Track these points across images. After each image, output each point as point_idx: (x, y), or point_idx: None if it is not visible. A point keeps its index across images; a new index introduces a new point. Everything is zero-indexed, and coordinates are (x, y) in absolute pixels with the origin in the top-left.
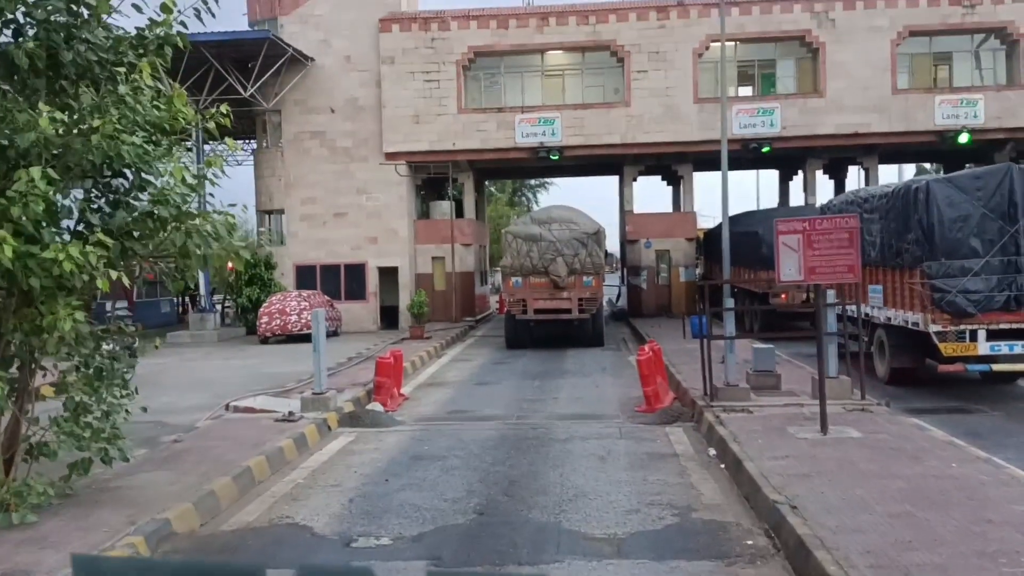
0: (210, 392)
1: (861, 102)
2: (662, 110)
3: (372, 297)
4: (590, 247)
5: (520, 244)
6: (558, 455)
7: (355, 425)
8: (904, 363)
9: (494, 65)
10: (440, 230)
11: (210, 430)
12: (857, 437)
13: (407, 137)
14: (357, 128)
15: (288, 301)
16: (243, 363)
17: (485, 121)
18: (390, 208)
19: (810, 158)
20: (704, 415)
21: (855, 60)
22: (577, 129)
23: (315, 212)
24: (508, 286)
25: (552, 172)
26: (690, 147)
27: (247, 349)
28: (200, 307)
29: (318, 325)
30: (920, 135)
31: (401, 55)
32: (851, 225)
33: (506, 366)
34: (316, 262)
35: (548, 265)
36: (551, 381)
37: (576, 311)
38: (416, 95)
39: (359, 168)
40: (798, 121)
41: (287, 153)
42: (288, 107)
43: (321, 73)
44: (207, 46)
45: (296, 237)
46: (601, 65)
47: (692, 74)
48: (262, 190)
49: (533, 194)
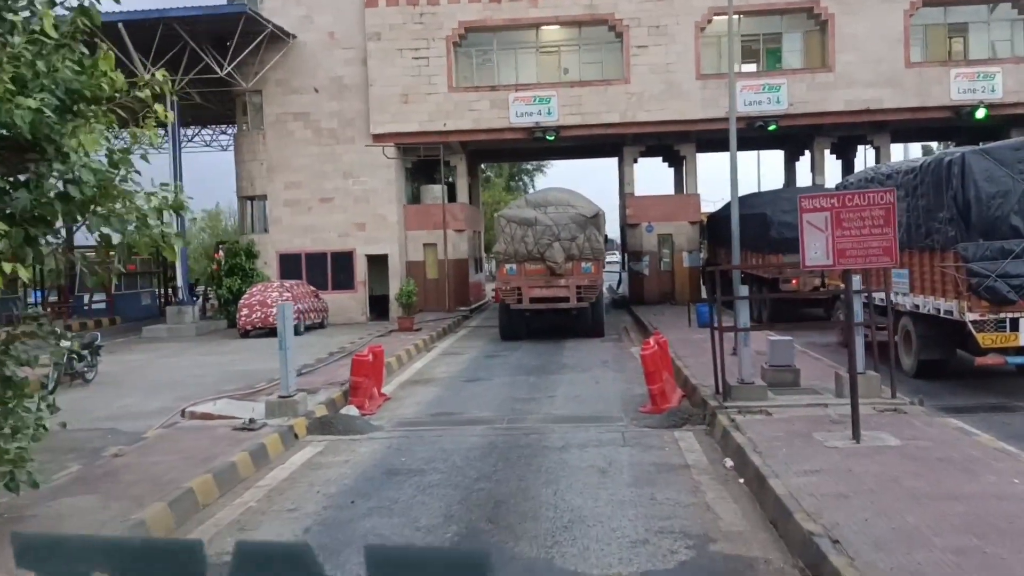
0: (175, 394)
1: (872, 77)
2: (663, 87)
3: (360, 286)
4: (589, 231)
5: (514, 229)
6: (553, 468)
7: (326, 432)
8: (934, 355)
9: (486, 41)
10: (432, 215)
11: (158, 441)
12: (895, 445)
13: (395, 117)
14: (343, 108)
15: (270, 292)
16: (218, 359)
17: (477, 100)
18: (378, 193)
19: (818, 136)
20: (717, 417)
21: (866, 32)
22: (574, 108)
23: (299, 197)
24: (502, 274)
25: (549, 154)
26: (693, 125)
27: (226, 344)
28: (178, 299)
29: (284, 321)
30: (935, 111)
31: (388, 31)
32: (887, 200)
33: (499, 360)
34: (301, 250)
35: (544, 251)
36: (547, 377)
37: (574, 300)
38: (404, 73)
39: (345, 151)
40: (806, 97)
41: (269, 136)
42: (269, 87)
43: (304, 51)
44: (180, 22)
45: (280, 224)
46: (599, 40)
47: (694, 49)
48: (243, 175)
49: (531, 178)
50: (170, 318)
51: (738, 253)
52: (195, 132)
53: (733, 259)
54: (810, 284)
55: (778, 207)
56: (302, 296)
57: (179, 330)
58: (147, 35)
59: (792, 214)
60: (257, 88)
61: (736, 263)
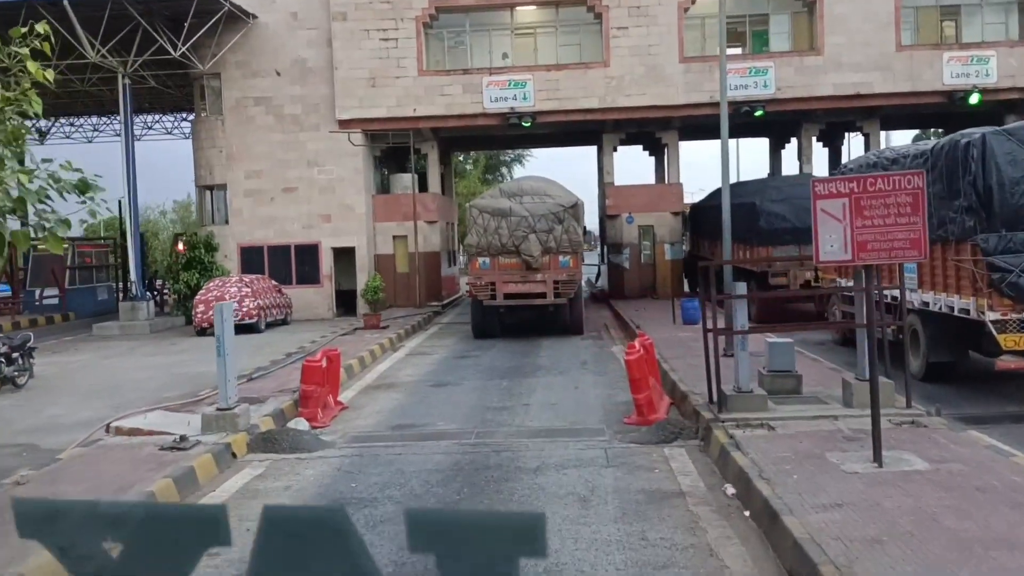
0: (112, 401)
1: (862, 60)
2: (644, 71)
3: (326, 281)
4: (567, 223)
5: (487, 220)
6: (526, 495)
7: (270, 449)
8: (944, 357)
9: (458, 22)
10: (402, 206)
11: (72, 464)
12: (924, 469)
13: (362, 102)
14: (306, 93)
15: (227, 287)
16: (167, 360)
17: (449, 84)
18: (345, 182)
19: (806, 123)
20: (713, 432)
21: (855, 14)
22: (551, 92)
23: (261, 187)
24: (474, 268)
25: (525, 141)
26: (675, 111)
27: (179, 343)
28: (131, 294)
29: (222, 323)
30: (927, 96)
31: (354, 10)
32: (915, 185)
33: (471, 360)
34: (263, 243)
35: (519, 243)
36: (522, 380)
37: (551, 295)
38: (372, 56)
39: (310, 138)
40: (794, 81)
41: (228, 121)
42: (229, 70)
43: (265, 32)
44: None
45: (240, 215)
46: (577, 22)
47: (677, 31)
48: (201, 163)
49: (508, 168)
50: (123, 315)
51: (729, 246)
52: (155, 119)
53: (724, 253)
54: (801, 278)
55: (767, 196)
56: (263, 291)
57: (132, 327)
58: (95, 13)
59: (782, 204)
60: (215, 71)
61: (727, 257)
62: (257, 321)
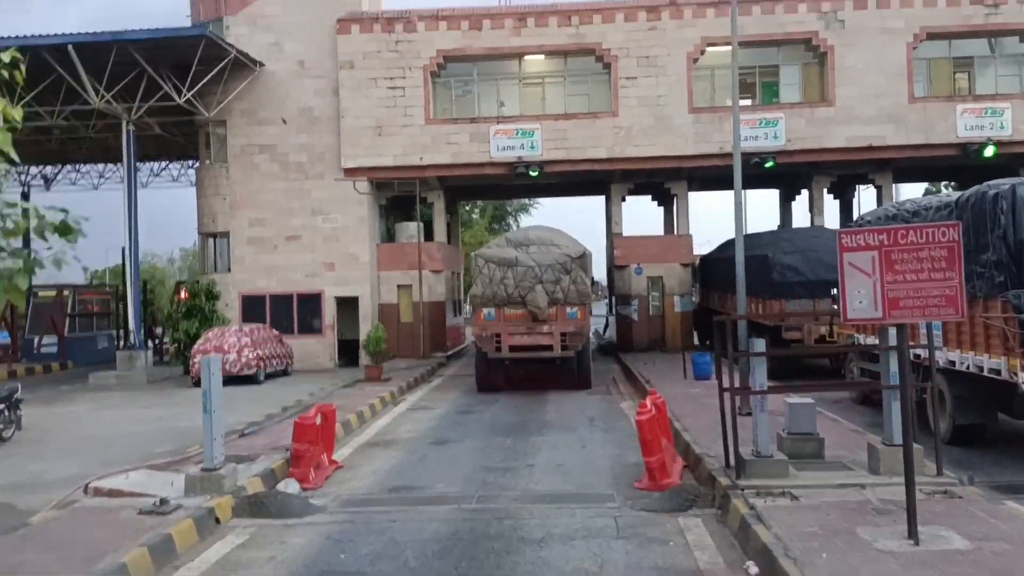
0: (99, 456)
1: (874, 112)
2: (653, 121)
3: (328, 331)
4: (574, 273)
5: (493, 269)
6: (529, 570)
7: (257, 514)
8: (972, 419)
9: (466, 71)
10: (407, 255)
11: (42, 529)
12: (965, 549)
13: (368, 151)
14: (312, 141)
15: (226, 337)
16: (161, 413)
17: (456, 133)
18: (349, 231)
19: (817, 175)
20: (732, 501)
21: (867, 65)
22: (559, 142)
23: (264, 235)
24: (479, 319)
25: (532, 191)
26: (685, 162)
27: (175, 394)
28: (129, 343)
29: (209, 378)
30: (940, 148)
31: (362, 59)
32: (951, 238)
33: (474, 416)
34: (265, 291)
35: (526, 294)
36: (527, 438)
37: (558, 348)
38: (378, 104)
39: (315, 186)
40: (805, 133)
41: (233, 169)
42: (234, 118)
43: (272, 80)
44: (136, 46)
45: (243, 263)
46: (585, 71)
47: (686, 81)
48: (204, 211)
49: (515, 218)
50: (120, 364)
51: (743, 300)
52: (161, 167)
53: (738, 306)
54: (815, 333)
55: (779, 248)
56: (263, 341)
57: (129, 377)
58: (100, 59)
59: (795, 256)
60: (221, 118)
61: (742, 310)
62: (256, 372)
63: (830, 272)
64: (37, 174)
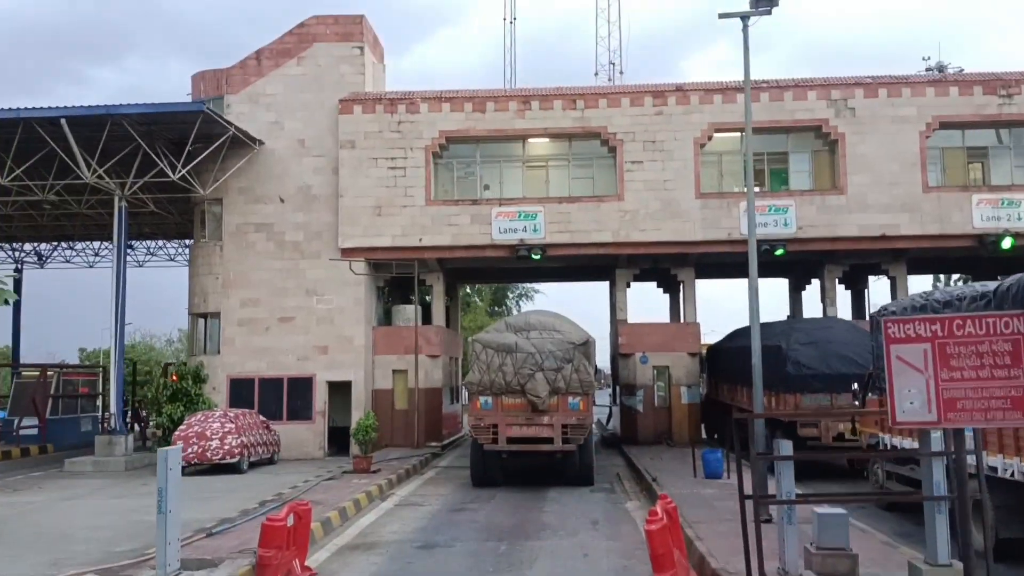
0: (52, 554)
1: (888, 200)
2: (660, 205)
3: (319, 417)
4: (577, 361)
5: (491, 355)
6: None
7: None
8: (1017, 532)
9: (469, 153)
10: (403, 339)
11: None
12: None
13: (367, 231)
14: (309, 220)
15: (209, 423)
16: (132, 505)
17: (457, 215)
18: (345, 313)
19: (829, 264)
20: None
21: (879, 153)
22: (563, 225)
23: (256, 316)
24: (475, 407)
25: (534, 275)
26: (692, 248)
27: (152, 483)
28: (109, 427)
29: (166, 471)
30: (956, 239)
31: (363, 139)
32: (1016, 329)
33: (467, 515)
34: (255, 374)
35: (525, 382)
36: (523, 543)
37: (559, 441)
38: (379, 184)
39: (310, 266)
40: (816, 220)
41: (227, 247)
42: (231, 195)
43: (271, 158)
44: (131, 121)
45: (232, 344)
46: (590, 154)
47: (693, 166)
48: (196, 290)
49: (516, 303)
50: (99, 449)
51: (760, 394)
52: (158, 245)
53: (755, 401)
54: (833, 430)
55: (793, 339)
56: (248, 427)
57: (107, 464)
58: (94, 133)
59: (810, 348)
60: (217, 196)
61: (759, 406)
62: (239, 460)
63: (847, 365)
64: (32, 251)
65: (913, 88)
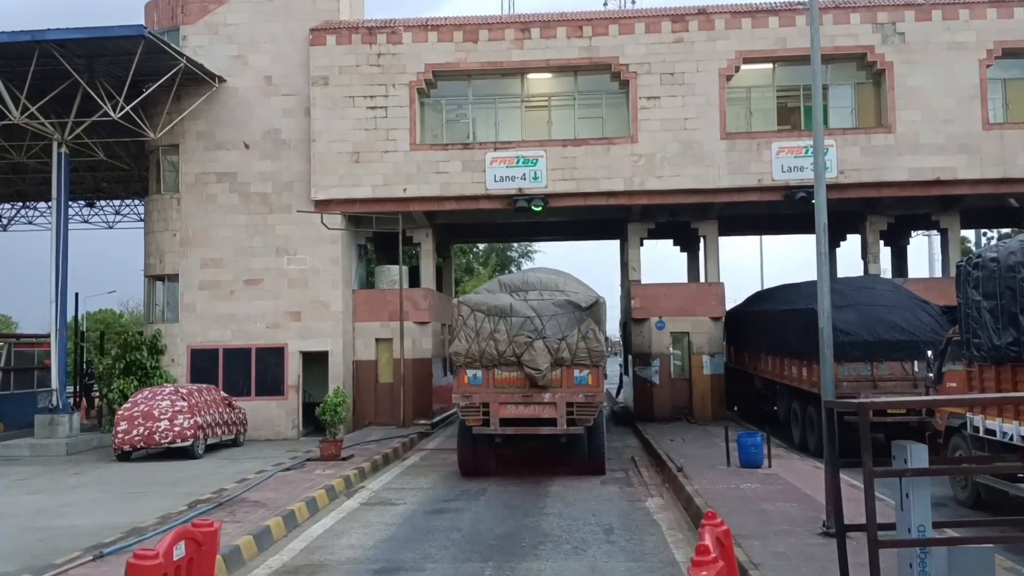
0: None
1: (942, 140)
2: (679, 148)
3: (292, 392)
4: (586, 326)
5: (481, 320)
6: None
7: None
8: None
9: (459, 90)
10: (388, 303)
11: None
12: None
13: (343, 180)
14: (278, 169)
15: (158, 400)
16: (48, 503)
17: (447, 161)
18: (320, 274)
19: (871, 215)
20: None
21: (933, 86)
22: (567, 172)
23: (219, 278)
24: (462, 382)
25: (535, 232)
26: (716, 196)
27: (89, 472)
28: (50, 405)
29: None
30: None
31: (338, 75)
32: None
33: (448, 519)
34: (218, 344)
35: (522, 352)
36: (516, 566)
37: (564, 423)
38: (356, 126)
39: (280, 221)
40: (859, 163)
41: (185, 200)
42: (189, 141)
43: (233, 98)
44: (61, 49)
45: (193, 311)
46: (599, 90)
47: (718, 102)
48: (152, 249)
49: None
50: (38, 431)
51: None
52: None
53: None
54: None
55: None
56: (204, 405)
57: (46, 447)
58: (20, 66)
59: (847, 311)
60: (173, 142)
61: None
62: (193, 444)
63: (891, 331)
64: None
65: (972, 9)
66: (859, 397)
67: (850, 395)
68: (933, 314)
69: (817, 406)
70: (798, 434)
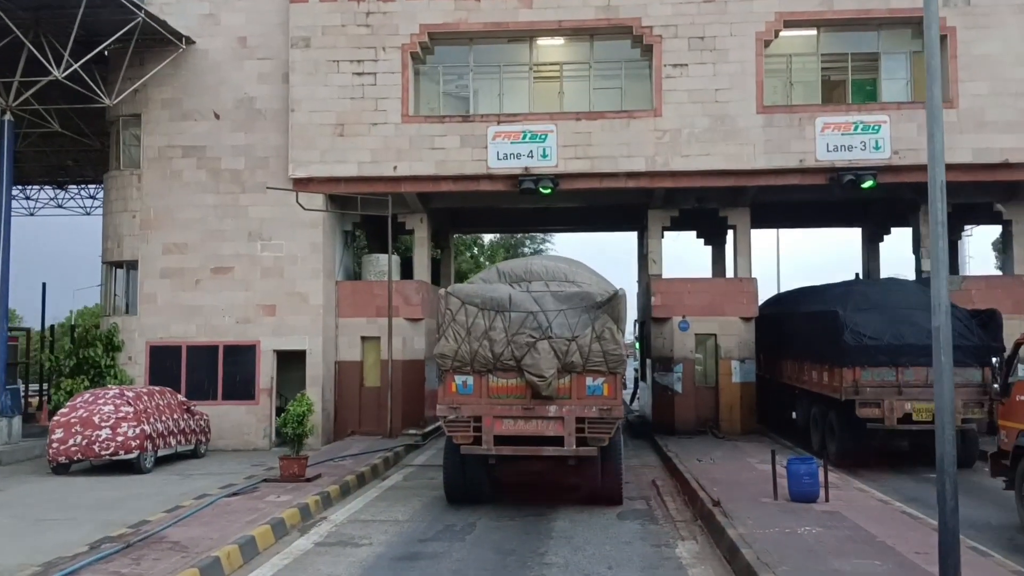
0: None
1: (1013, 116)
2: (709, 122)
3: (264, 396)
4: (601, 324)
5: (474, 316)
6: None
7: None
8: None
9: (459, 56)
10: (375, 297)
11: None
12: None
13: (326, 156)
14: (252, 142)
15: (99, 404)
16: None
17: (443, 135)
18: (298, 262)
19: (926, 204)
20: None
21: (1002, 55)
22: (581, 149)
23: (184, 265)
24: (449, 391)
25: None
26: (751, 179)
27: (12, 488)
28: None
29: None
30: None
31: (321, 35)
32: None
33: (419, 571)
34: (182, 341)
35: (523, 355)
36: None
37: (573, 442)
38: (341, 94)
39: (253, 201)
40: (916, 143)
41: (146, 177)
42: (152, 110)
43: (203, 62)
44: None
45: (153, 303)
46: (618, 57)
47: (755, 71)
48: (110, 232)
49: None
50: None
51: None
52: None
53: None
54: (899, 410)
55: (853, 304)
56: (155, 411)
57: None
58: None
59: (872, 313)
60: (135, 112)
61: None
62: (139, 456)
63: (918, 335)
64: None
65: None
66: (883, 403)
67: (873, 401)
68: (961, 318)
69: (838, 412)
70: (817, 440)
